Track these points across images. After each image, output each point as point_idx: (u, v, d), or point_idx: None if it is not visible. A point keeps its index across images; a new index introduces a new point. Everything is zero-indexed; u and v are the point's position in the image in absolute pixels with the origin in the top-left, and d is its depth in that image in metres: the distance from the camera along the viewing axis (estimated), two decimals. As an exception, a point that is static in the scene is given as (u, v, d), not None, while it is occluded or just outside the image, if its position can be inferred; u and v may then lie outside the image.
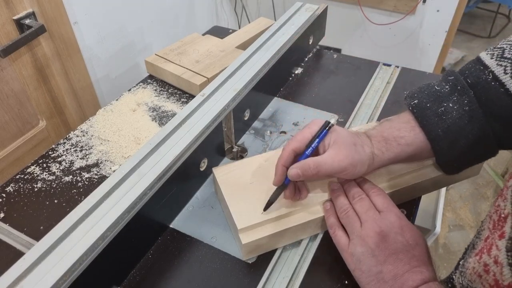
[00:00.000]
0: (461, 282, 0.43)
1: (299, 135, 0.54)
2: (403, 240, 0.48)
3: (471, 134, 0.49)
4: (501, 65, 0.47)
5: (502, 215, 0.39)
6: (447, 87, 0.52)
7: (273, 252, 0.57)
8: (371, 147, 0.53)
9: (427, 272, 0.46)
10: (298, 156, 0.54)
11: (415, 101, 0.52)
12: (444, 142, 0.50)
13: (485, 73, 0.49)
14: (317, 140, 0.53)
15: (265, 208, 0.55)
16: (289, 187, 0.54)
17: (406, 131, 0.52)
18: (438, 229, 1.21)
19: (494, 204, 0.42)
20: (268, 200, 0.55)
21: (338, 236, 0.52)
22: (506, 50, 0.48)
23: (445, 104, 0.50)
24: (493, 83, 0.48)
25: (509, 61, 0.47)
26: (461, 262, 0.45)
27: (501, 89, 0.47)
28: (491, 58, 0.49)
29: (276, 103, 0.86)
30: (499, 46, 0.50)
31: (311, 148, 0.53)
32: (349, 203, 0.54)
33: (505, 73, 0.47)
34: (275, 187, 0.56)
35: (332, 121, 0.53)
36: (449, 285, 0.47)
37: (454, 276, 0.46)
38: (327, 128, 0.53)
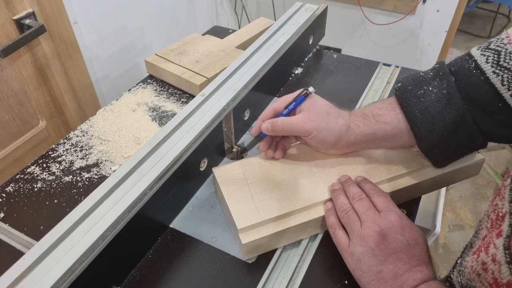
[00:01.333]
0: (459, 281, 0.43)
1: (283, 98, 0.61)
2: (403, 240, 0.48)
3: (448, 117, 0.50)
4: (484, 55, 0.49)
5: (500, 214, 0.40)
6: (431, 73, 0.54)
7: (273, 252, 0.57)
8: (348, 120, 0.57)
9: (427, 271, 0.46)
10: (277, 115, 0.60)
11: (399, 84, 0.55)
12: (422, 123, 0.52)
13: (469, 62, 0.50)
14: (293, 103, 0.59)
15: (239, 156, 0.62)
16: (264, 140, 0.61)
17: (386, 110, 0.55)
18: (438, 229, 1.21)
19: (492, 203, 0.43)
20: (244, 148, 0.63)
21: (338, 236, 0.52)
22: (492, 43, 0.50)
23: (425, 88, 0.53)
24: (474, 71, 0.49)
25: (492, 51, 0.48)
26: (459, 261, 0.46)
27: (481, 77, 0.49)
28: (477, 50, 0.51)
29: (276, 103, 0.86)
30: (488, 40, 0.51)
31: (287, 110, 0.60)
32: (349, 203, 0.54)
33: (487, 62, 0.48)
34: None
35: (310, 89, 0.59)
36: (448, 284, 0.47)
37: (452, 275, 0.46)
38: (303, 94, 0.59)
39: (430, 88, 0.52)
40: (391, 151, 0.64)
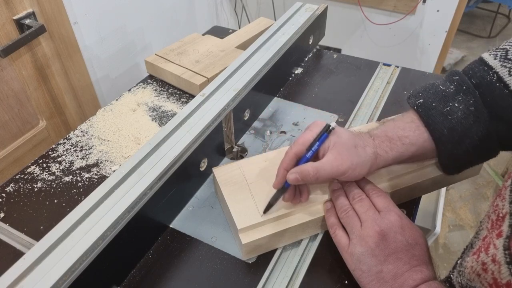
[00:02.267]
0: (460, 281, 0.43)
1: (301, 138, 0.54)
2: (403, 240, 0.48)
3: (476, 134, 0.49)
4: (505, 66, 0.48)
5: (500, 215, 0.40)
6: (452, 87, 0.51)
7: (273, 252, 0.57)
8: (374, 147, 0.52)
9: (427, 271, 0.46)
10: (299, 160, 0.54)
11: (420, 100, 0.52)
12: (449, 141, 0.50)
13: (490, 73, 0.49)
14: (317, 143, 0.52)
15: (265, 211, 0.55)
16: (288, 190, 0.54)
17: (410, 130, 0.52)
18: (438, 229, 1.21)
19: (493, 204, 0.43)
20: (268, 203, 0.55)
21: (338, 236, 0.52)
22: (509, 52, 0.48)
23: (450, 104, 0.50)
24: (497, 84, 0.48)
25: None
26: (459, 262, 0.46)
27: (506, 90, 0.47)
28: (495, 59, 0.49)
29: (276, 103, 0.86)
30: (502, 47, 0.50)
31: (311, 151, 0.53)
32: (350, 204, 0.54)
33: (510, 75, 0.47)
34: (274, 191, 0.56)
35: (333, 124, 0.53)
36: (448, 284, 0.47)
37: (452, 276, 0.46)
38: (327, 132, 0.53)
39: (456, 105, 0.50)
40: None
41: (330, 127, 0.53)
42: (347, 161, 0.50)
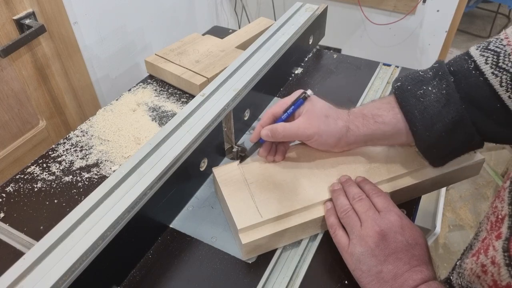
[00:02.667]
0: (459, 282, 0.43)
1: (280, 101, 0.60)
2: (403, 240, 0.48)
3: (447, 117, 0.50)
4: (483, 56, 0.49)
5: (500, 216, 0.40)
6: (430, 72, 0.54)
7: (273, 252, 0.57)
8: (347, 121, 0.56)
9: (427, 271, 0.46)
10: (276, 120, 0.60)
11: (398, 83, 0.55)
12: (421, 123, 0.52)
13: (468, 62, 0.50)
14: (292, 107, 0.58)
15: (240, 161, 0.61)
16: (263, 145, 0.61)
17: (385, 110, 0.55)
18: (438, 229, 1.21)
19: (492, 206, 0.43)
20: (244, 154, 0.62)
21: (338, 236, 0.52)
22: (491, 43, 0.50)
23: (424, 87, 0.52)
24: (473, 72, 0.49)
25: (492, 52, 0.49)
26: (458, 263, 0.46)
27: (481, 77, 0.49)
28: (476, 49, 0.51)
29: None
30: (487, 40, 0.51)
31: (286, 114, 0.59)
32: (349, 203, 0.54)
33: (486, 63, 0.48)
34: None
35: (309, 92, 0.58)
36: (447, 286, 0.47)
37: (452, 277, 0.46)
38: (301, 97, 0.58)
39: (430, 88, 0.52)
40: (391, 151, 0.64)
41: (306, 94, 0.58)
42: (314, 127, 0.56)
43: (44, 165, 0.72)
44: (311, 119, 0.56)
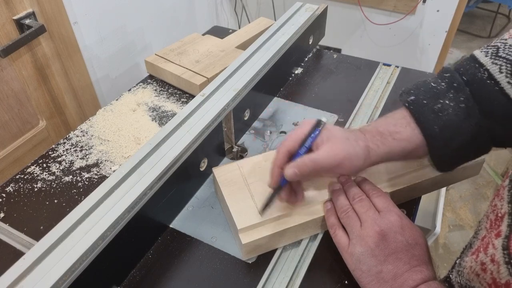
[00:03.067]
0: (459, 281, 0.43)
1: (293, 135, 0.53)
2: (403, 240, 0.48)
3: (468, 131, 0.49)
4: (496, 64, 0.48)
5: (499, 215, 0.40)
6: (443, 84, 0.51)
7: (273, 252, 0.57)
8: (366, 141, 0.52)
9: (427, 271, 0.46)
10: (292, 157, 0.53)
11: (412, 98, 0.52)
12: (440, 138, 0.50)
13: (480, 71, 0.49)
14: (310, 139, 0.52)
15: (262, 211, 0.55)
16: (285, 188, 0.54)
17: (401, 126, 0.52)
18: (438, 229, 1.21)
19: (491, 204, 0.43)
20: (265, 204, 0.54)
21: (338, 236, 0.52)
22: (500, 49, 0.48)
23: (441, 101, 0.50)
24: (488, 81, 0.48)
25: (504, 60, 0.47)
26: (457, 261, 0.46)
27: (496, 87, 0.47)
28: (486, 56, 0.49)
29: (276, 103, 0.86)
30: (493, 44, 0.50)
31: (304, 147, 0.52)
32: (349, 204, 0.54)
33: (500, 72, 0.47)
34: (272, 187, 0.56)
35: (324, 119, 0.53)
36: (447, 284, 0.47)
37: (451, 275, 0.46)
38: (318, 127, 0.52)
39: (447, 102, 0.50)
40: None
41: (322, 122, 0.52)
42: (343, 150, 0.50)
43: (44, 165, 0.72)
44: (336, 144, 0.51)
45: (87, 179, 0.69)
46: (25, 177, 0.70)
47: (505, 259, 0.35)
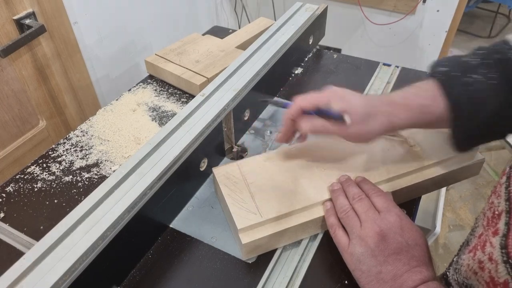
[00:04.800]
0: (456, 278, 0.43)
1: (309, 97, 0.54)
2: (402, 241, 0.48)
3: (494, 107, 0.49)
4: None
5: (496, 212, 0.40)
6: (477, 59, 0.51)
7: (273, 252, 0.57)
8: (389, 115, 0.52)
9: (427, 271, 0.46)
10: (303, 113, 0.55)
11: (444, 69, 0.52)
12: (466, 111, 0.49)
13: (511, 52, 0.48)
14: (326, 110, 0.53)
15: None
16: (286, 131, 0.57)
17: (430, 99, 0.52)
18: (438, 229, 1.21)
19: (488, 201, 0.43)
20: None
21: (338, 236, 0.52)
22: None
23: (472, 75, 0.50)
24: None
25: None
26: (455, 259, 0.46)
27: None
28: None
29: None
30: None
31: (317, 112, 0.53)
32: (349, 204, 0.54)
33: None
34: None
35: (347, 120, 0.52)
36: (444, 282, 0.47)
37: (448, 273, 0.46)
38: (340, 117, 0.52)
39: (478, 76, 0.49)
40: (391, 151, 0.64)
41: (345, 118, 0.52)
42: (358, 130, 0.52)
43: (44, 165, 0.72)
44: (354, 125, 0.52)
45: (87, 179, 0.69)
46: (25, 177, 0.70)
47: (503, 258, 0.35)
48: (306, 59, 1.00)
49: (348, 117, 0.52)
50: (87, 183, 0.68)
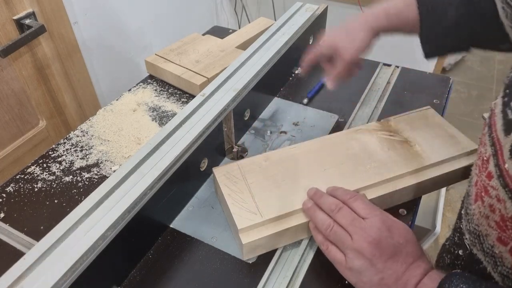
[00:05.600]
0: (468, 228, 0.46)
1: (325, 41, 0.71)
2: (394, 242, 0.48)
3: (452, 17, 0.57)
4: None
5: (485, 158, 0.43)
6: None
7: (273, 252, 0.57)
8: (372, 29, 0.63)
9: (424, 264, 0.47)
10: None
11: None
12: (431, 17, 0.58)
13: None
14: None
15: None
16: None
17: (405, 7, 0.61)
18: (438, 229, 1.21)
19: (478, 152, 0.46)
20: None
21: (332, 252, 0.51)
22: None
23: None
24: None
25: None
26: (462, 212, 0.48)
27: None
28: None
29: (276, 103, 0.86)
30: None
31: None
32: (329, 217, 0.52)
33: None
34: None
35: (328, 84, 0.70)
36: (458, 234, 0.49)
37: (461, 226, 0.49)
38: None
39: None
40: (391, 151, 0.64)
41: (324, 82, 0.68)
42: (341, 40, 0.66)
43: (44, 165, 0.72)
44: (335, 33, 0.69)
45: (87, 179, 0.69)
46: (25, 177, 0.70)
47: (508, 195, 0.38)
48: (306, 59, 0.99)
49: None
50: (87, 183, 0.68)
